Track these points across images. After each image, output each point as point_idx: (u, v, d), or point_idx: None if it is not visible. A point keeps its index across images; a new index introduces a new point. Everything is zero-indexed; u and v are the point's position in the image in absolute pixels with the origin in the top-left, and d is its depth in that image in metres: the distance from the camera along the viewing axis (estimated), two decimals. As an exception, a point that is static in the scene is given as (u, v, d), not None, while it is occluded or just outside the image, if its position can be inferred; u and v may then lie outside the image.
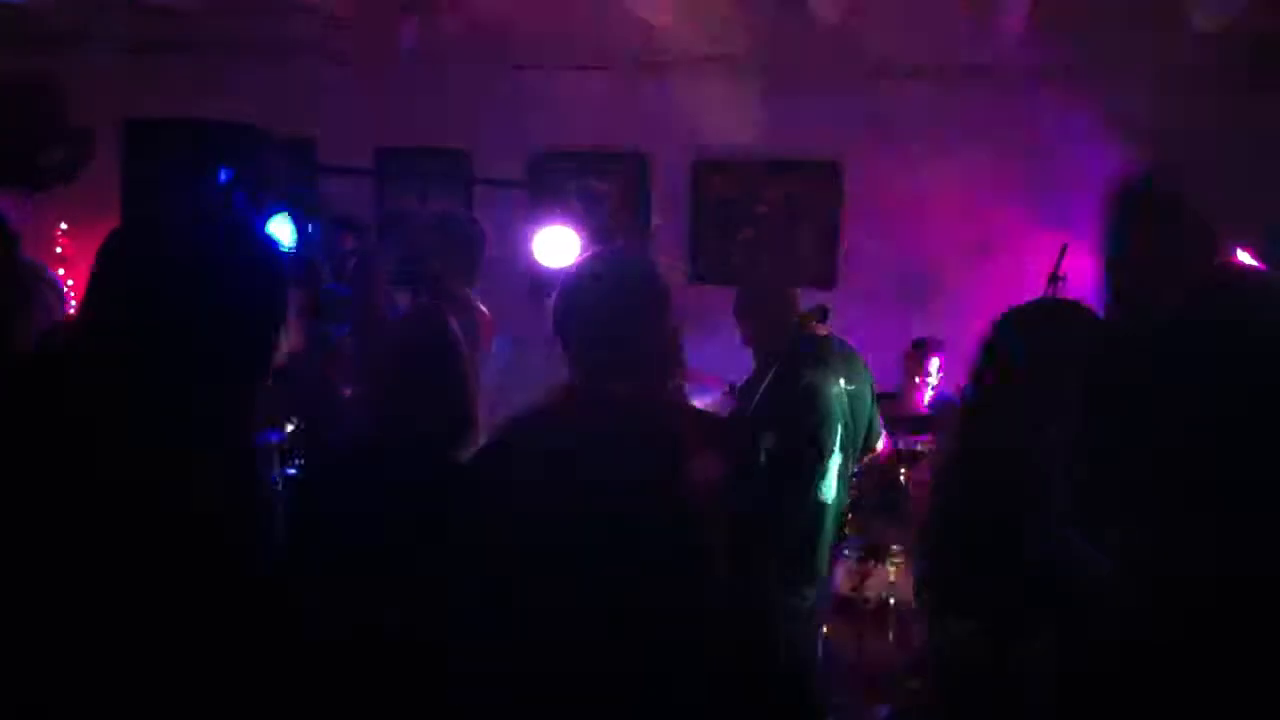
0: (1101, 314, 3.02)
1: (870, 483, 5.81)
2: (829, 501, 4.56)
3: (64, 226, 7.33)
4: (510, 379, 3.96)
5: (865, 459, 5.51)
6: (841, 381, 4.59)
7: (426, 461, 2.76)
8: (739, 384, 4.85)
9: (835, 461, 4.55)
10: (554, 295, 2.59)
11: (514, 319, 4.89)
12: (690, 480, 2.52)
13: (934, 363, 6.26)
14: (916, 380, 6.27)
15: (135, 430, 2.05)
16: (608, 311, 2.50)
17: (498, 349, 4.43)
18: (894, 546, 5.70)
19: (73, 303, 6.51)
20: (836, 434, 4.51)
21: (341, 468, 2.91)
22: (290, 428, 4.10)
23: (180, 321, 2.02)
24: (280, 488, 3.78)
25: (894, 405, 6.12)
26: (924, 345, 6.34)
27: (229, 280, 2.04)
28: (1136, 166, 3.42)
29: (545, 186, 6.71)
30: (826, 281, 6.97)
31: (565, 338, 2.53)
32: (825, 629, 5.51)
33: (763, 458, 4.32)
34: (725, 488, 2.64)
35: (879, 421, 5.08)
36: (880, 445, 5.18)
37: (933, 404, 6.14)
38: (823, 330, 4.86)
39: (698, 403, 5.85)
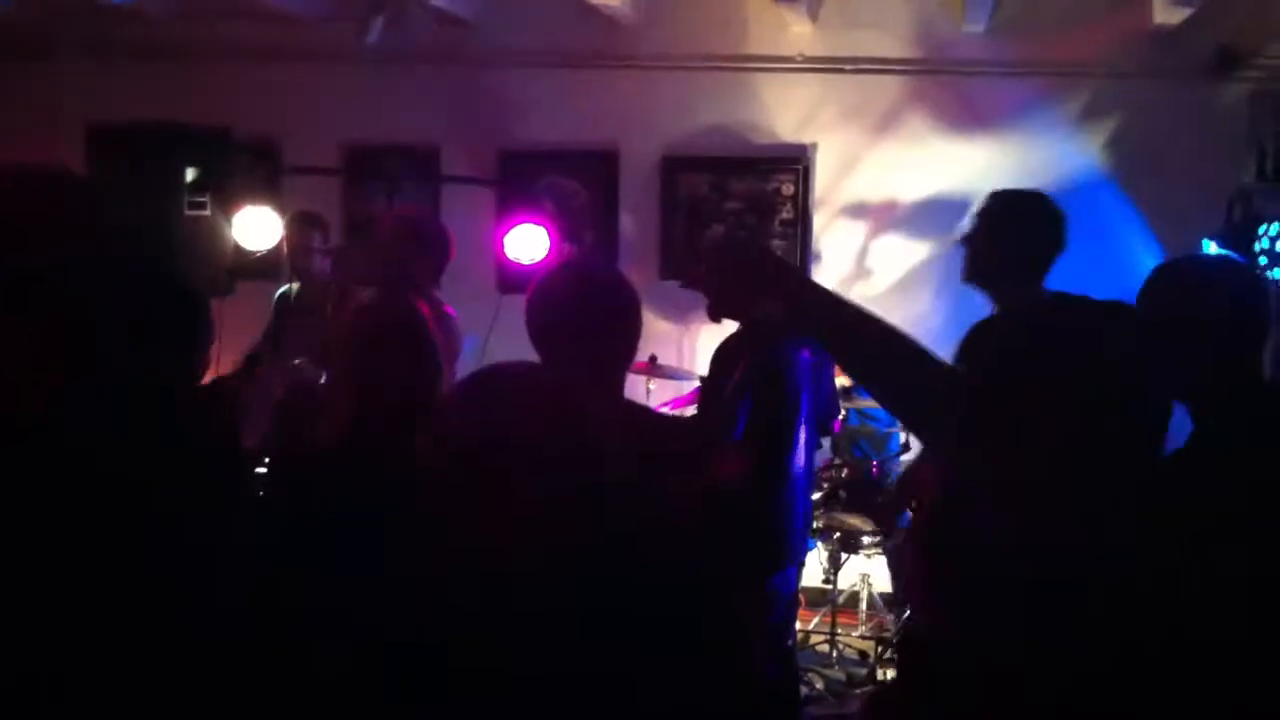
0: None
1: (843, 475, 5.85)
2: (798, 473, 4.54)
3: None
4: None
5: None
6: (806, 352, 4.57)
7: (399, 456, 2.75)
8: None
9: (803, 434, 4.53)
10: (528, 303, 2.64)
11: (482, 317, 4.90)
12: (674, 482, 2.54)
13: None
14: None
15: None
16: (582, 322, 2.56)
17: (467, 347, 4.44)
18: (865, 538, 5.75)
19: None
20: (802, 405, 4.49)
21: (315, 468, 2.90)
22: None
23: None
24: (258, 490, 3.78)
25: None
26: None
27: None
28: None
29: (514, 184, 6.70)
30: (796, 276, 7.00)
31: (539, 344, 2.59)
32: (798, 620, 5.55)
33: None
34: (706, 489, 2.66)
35: (838, 397, 5.07)
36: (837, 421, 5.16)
37: None
38: None
39: (669, 397, 5.88)
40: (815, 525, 5.64)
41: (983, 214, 4.14)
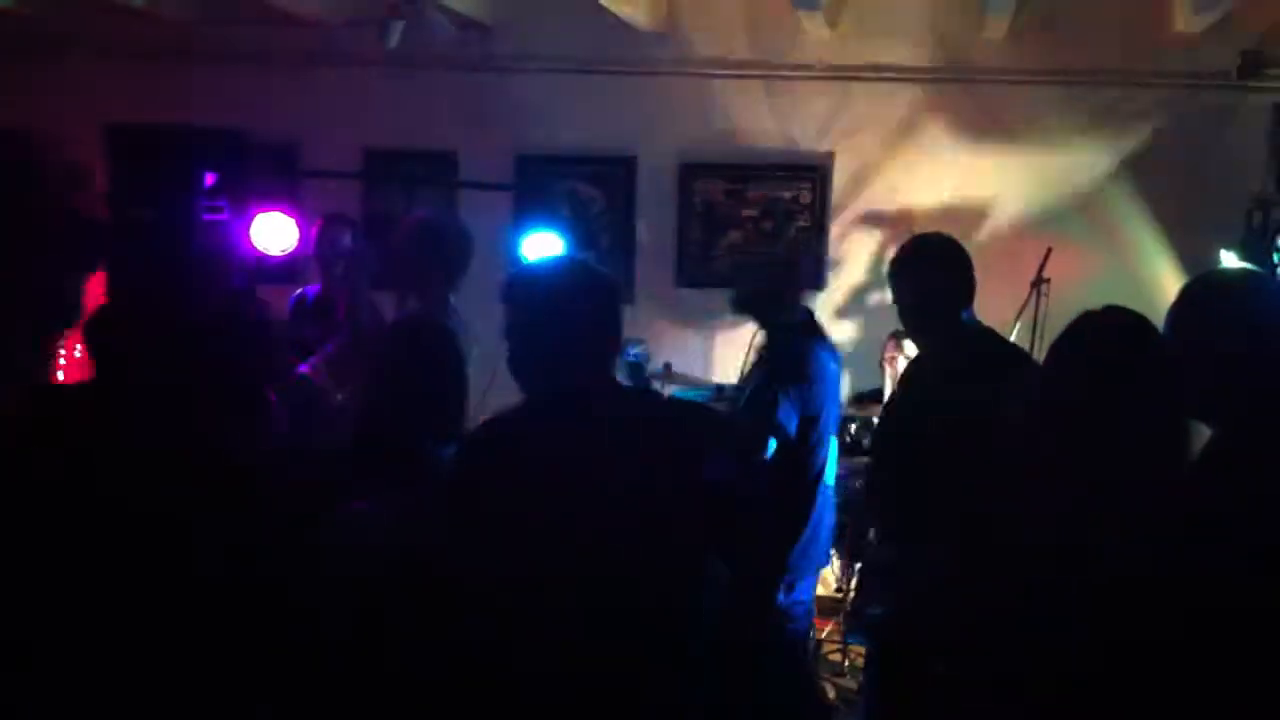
0: None
1: (856, 483, 5.82)
2: (827, 483, 4.53)
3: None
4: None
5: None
6: (833, 361, 4.54)
7: (421, 465, 2.75)
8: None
9: (833, 444, 4.51)
10: (507, 300, 2.64)
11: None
12: (689, 474, 2.54)
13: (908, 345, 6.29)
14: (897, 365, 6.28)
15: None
16: (565, 314, 2.56)
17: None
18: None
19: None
20: (831, 414, 4.47)
21: (341, 472, 2.90)
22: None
23: None
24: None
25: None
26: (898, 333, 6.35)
27: None
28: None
29: (532, 189, 6.70)
30: (814, 284, 6.98)
31: (519, 338, 2.60)
32: (812, 628, 5.54)
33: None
34: (729, 480, 2.66)
35: None
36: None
37: None
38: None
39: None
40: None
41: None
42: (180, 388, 2.45)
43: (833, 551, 5.83)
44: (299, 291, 5.69)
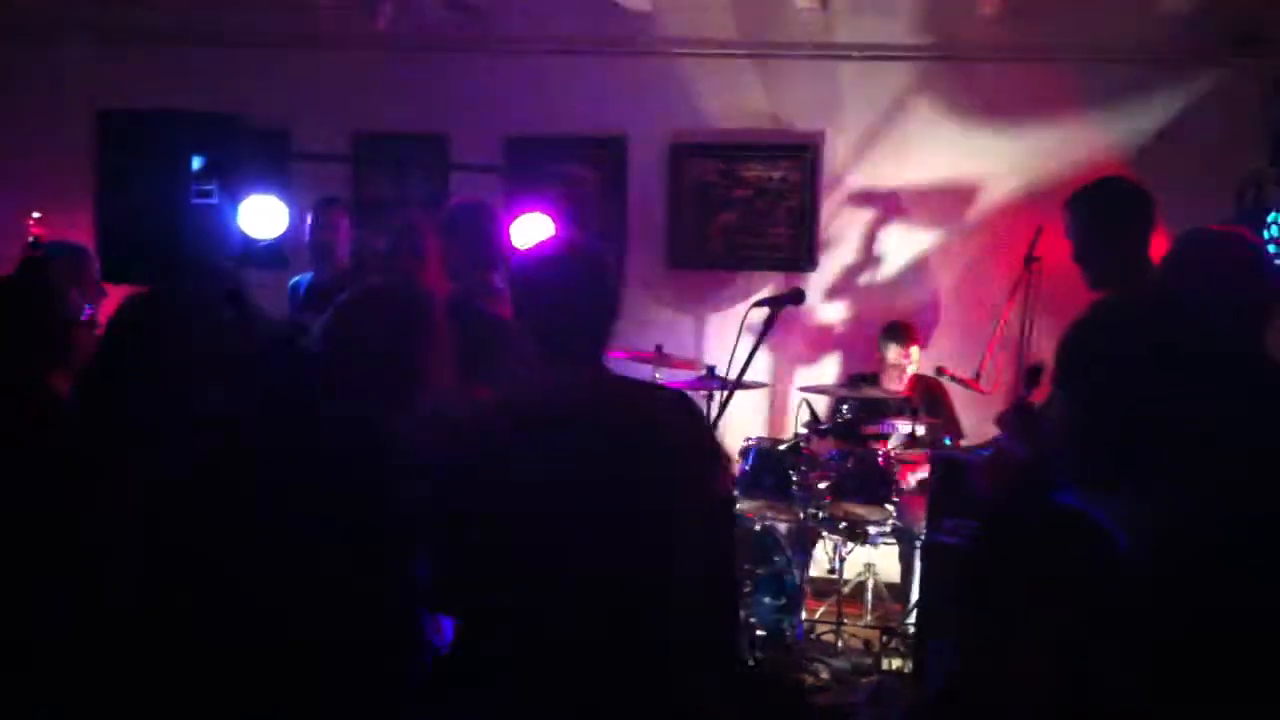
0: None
1: (850, 464, 5.83)
2: None
3: (37, 216, 7.27)
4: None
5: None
6: None
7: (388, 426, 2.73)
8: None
9: None
10: (513, 280, 2.69)
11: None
12: (674, 460, 2.55)
13: (914, 351, 6.37)
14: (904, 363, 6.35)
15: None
16: (568, 294, 2.60)
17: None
18: (871, 528, 5.73)
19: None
20: None
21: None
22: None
23: None
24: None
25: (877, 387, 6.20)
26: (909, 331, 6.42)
27: None
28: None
29: (522, 171, 6.68)
30: (805, 265, 6.98)
31: (528, 319, 2.63)
32: (805, 609, 5.55)
33: None
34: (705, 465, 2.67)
35: None
36: None
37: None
38: None
39: (674, 385, 5.86)
40: (822, 515, 5.64)
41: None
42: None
43: (826, 533, 5.85)
44: (294, 280, 5.68)
